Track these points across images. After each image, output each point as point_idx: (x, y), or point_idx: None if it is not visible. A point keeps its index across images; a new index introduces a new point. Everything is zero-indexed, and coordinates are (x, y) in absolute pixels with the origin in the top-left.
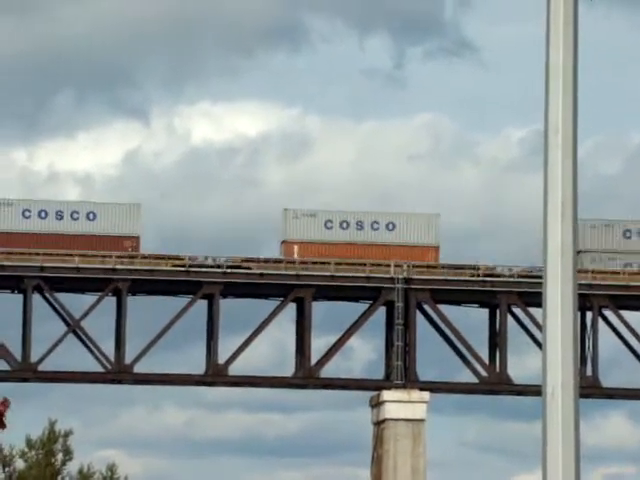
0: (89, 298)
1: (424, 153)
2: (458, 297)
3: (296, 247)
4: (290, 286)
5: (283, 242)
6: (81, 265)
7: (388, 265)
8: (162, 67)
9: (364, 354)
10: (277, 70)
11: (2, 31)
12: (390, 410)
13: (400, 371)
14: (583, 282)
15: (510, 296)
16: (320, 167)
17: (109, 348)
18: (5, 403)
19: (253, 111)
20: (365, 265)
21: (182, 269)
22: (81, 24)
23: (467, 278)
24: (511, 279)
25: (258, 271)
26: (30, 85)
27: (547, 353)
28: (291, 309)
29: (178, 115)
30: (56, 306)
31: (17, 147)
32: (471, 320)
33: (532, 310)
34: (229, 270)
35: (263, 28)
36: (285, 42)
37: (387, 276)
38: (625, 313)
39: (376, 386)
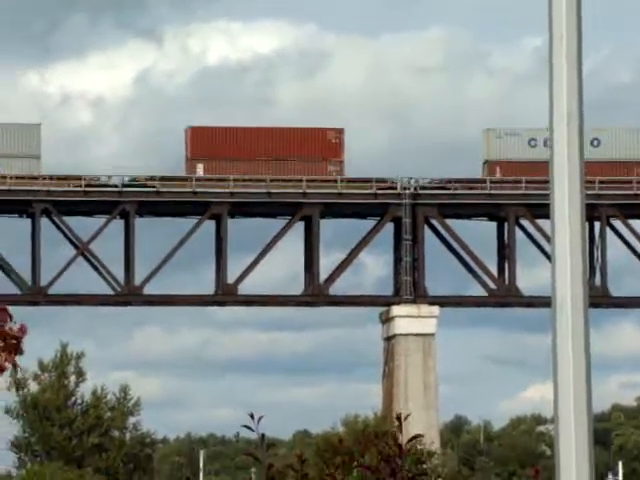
0: (97, 221)
1: None
2: (466, 211)
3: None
4: (297, 204)
5: None
6: (88, 189)
7: (394, 181)
8: None
9: (373, 270)
10: None
11: None
12: (400, 325)
13: (409, 286)
14: (590, 192)
15: (518, 208)
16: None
17: (118, 271)
18: (23, 329)
19: (268, 29)
20: (371, 182)
21: (189, 190)
22: None
23: (474, 192)
24: (519, 191)
25: (265, 190)
26: (38, 8)
27: (556, 264)
28: (299, 227)
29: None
30: (64, 230)
31: (30, 69)
32: (479, 234)
33: (540, 222)
34: (236, 190)
35: None
36: None
37: (394, 192)
38: (634, 222)
39: (385, 302)
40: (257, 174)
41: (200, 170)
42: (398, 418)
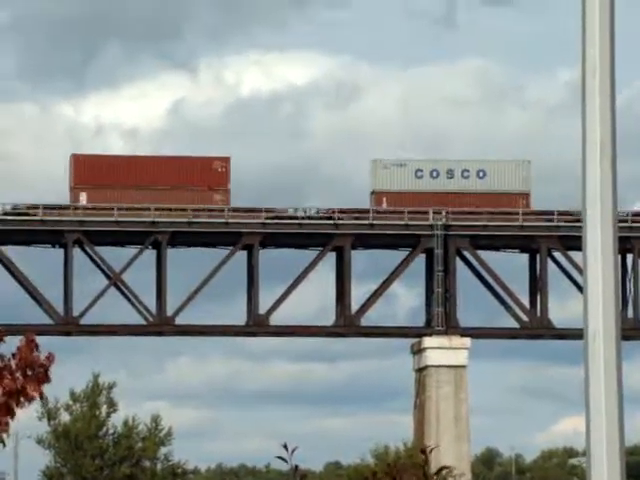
0: (129, 251)
1: None
2: (498, 242)
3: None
4: (329, 235)
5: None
6: (120, 219)
7: (426, 212)
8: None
9: (404, 301)
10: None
11: None
12: (431, 356)
13: (441, 317)
14: (623, 225)
15: (550, 240)
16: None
17: (150, 301)
18: (50, 357)
19: (303, 60)
20: (403, 213)
21: (222, 220)
22: None
23: (506, 223)
24: (551, 223)
25: (297, 221)
26: (74, 41)
27: (588, 296)
28: (330, 258)
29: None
30: (96, 260)
31: (65, 100)
32: (511, 265)
33: (572, 254)
34: (268, 220)
35: None
36: None
37: (426, 223)
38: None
39: (417, 333)
40: (140, 202)
41: (83, 199)
42: (423, 451)
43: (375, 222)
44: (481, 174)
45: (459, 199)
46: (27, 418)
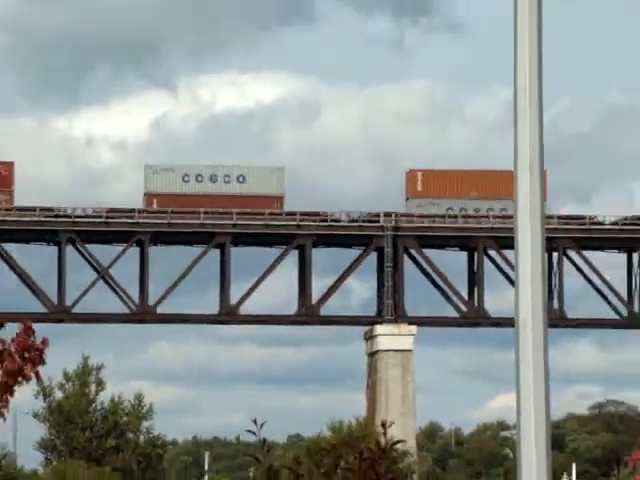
0: (115, 249)
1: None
2: (441, 242)
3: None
4: (292, 235)
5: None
6: (109, 220)
7: (377, 215)
8: (189, 41)
9: (358, 294)
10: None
11: (51, 17)
12: (382, 342)
13: (390, 308)
14: (549, 227)
15: (486, 240)
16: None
17: (134, 292)
18: (45, 342)
19: (271, 79)
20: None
21: (197, 222)
22: (116, 6)
23: (448, 225)
24: (487, 225)
25: (263, 222)
26: (67, 62)
27: (519, 289)
28: (293, 256)
29: (201, 85)
30: (86, 256)
31: (60, 115)
32: (452, 262)
33: (505, 252)
34: (239, 222)
35: (278, 5)
36: (298, 18)
37: (377, 225)
38: (587, 253)
39: (369, 321)
40: None
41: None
42: (383, 425)
43: (332, 224)
44: (241, 179)
45: (219, 200)
46: (25, 396)
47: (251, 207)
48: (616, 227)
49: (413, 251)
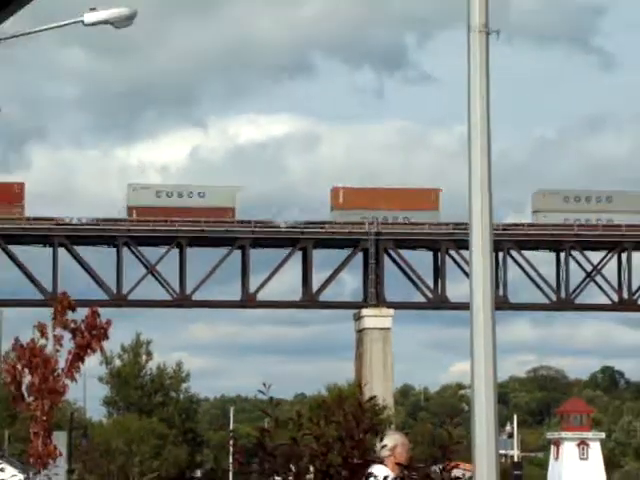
0: (160, 250)
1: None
2: (413, 244)
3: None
4: (297, 239)
5: None
6: (156, 227)
7: (363, 223)
8: (218, 90)
9: (349, 284)
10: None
11: (115, 70)
12: (367, 322)
13: (373, 295)
14: (496, 232)
15: (448, 243)
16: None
17: (175, 284)
18: (108, 322)
19: (281, 119)
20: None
21: (223, 228)
22: (160, 60)
23: (420, 230)
24: (449, 231)
25: (276, 229)
26: (125, 106)
27: (473, 281)
28: (298, 255)
29: (227, 123)
30: (138, 255)
31: (119, 147)
32: (422, 260)
33: (462, 252)
34: (257, 228)
35: (285, 62)
36: (299, 72)
37: (363, 230)
38: (525, 252)
39: (357, 306)
40: None
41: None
42: (359, 385)
43: (330, 229)
44: (201, 194)
45: (185, 212)
46: (92, 363)
47: (207, 217)
48: (547, 232)
49: (391, 251)
